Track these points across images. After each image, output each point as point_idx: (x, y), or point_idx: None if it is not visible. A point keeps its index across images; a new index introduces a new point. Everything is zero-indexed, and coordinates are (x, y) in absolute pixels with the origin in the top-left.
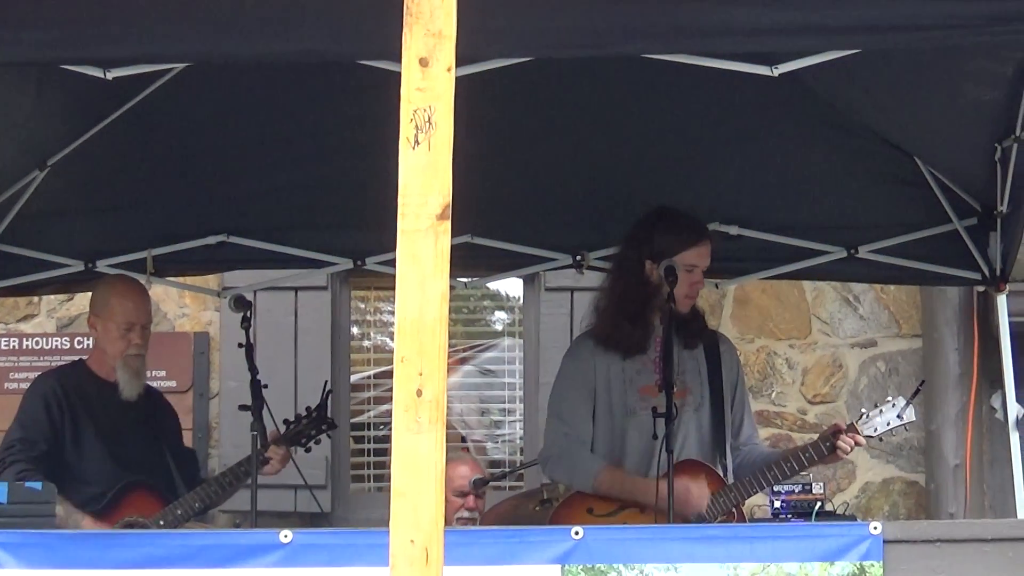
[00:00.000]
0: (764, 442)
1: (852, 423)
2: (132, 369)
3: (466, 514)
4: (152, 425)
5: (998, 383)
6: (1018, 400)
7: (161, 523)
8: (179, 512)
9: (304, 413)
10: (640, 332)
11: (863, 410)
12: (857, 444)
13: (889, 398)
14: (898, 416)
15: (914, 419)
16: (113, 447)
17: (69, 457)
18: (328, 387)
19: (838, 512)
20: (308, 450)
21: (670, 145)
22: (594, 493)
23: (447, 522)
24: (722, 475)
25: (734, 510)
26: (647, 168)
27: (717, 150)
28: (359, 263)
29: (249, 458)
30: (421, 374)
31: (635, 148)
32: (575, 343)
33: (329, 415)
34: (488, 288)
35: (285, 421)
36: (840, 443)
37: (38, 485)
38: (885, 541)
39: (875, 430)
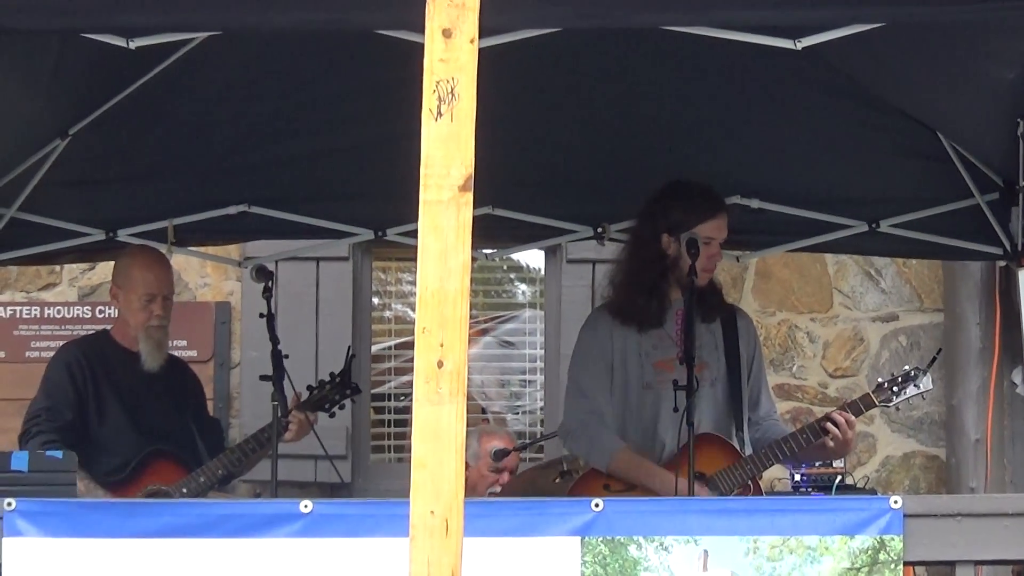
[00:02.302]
0: (785, 415)
1: (868, 393)
2: (154, 340)
3: (498, 489)
4: (176, 394)
5: (1019, 358)
6: None
7: (184, 491)
8: (202, 480)
9: (328, 379)
10: (656, 306)
11: (879, 380)
12: (849, 425)
13: (906, 367)
14: (915, 385)
15: (931, 388)
16: (136, 416)
17: (93, 427)
18: (352, 352)
19: (858, 486)
20: (332, 415)
21: (692, 118)
22: (607, 472)
23: (479, 495)
24: (738, 448)
25: (750, 483)
26: (669, 140)
27: (739, 123)
28: (380, 234)
29: (271, 424)
30: (442, 345)
31: (657, 120)
32: (592, 316)
33: (353, 380)
34: (510, 259)
35: (309, 387)
36: (828, 425)
37: (59, 454)
38: (905, 515)
39: (892, 400)
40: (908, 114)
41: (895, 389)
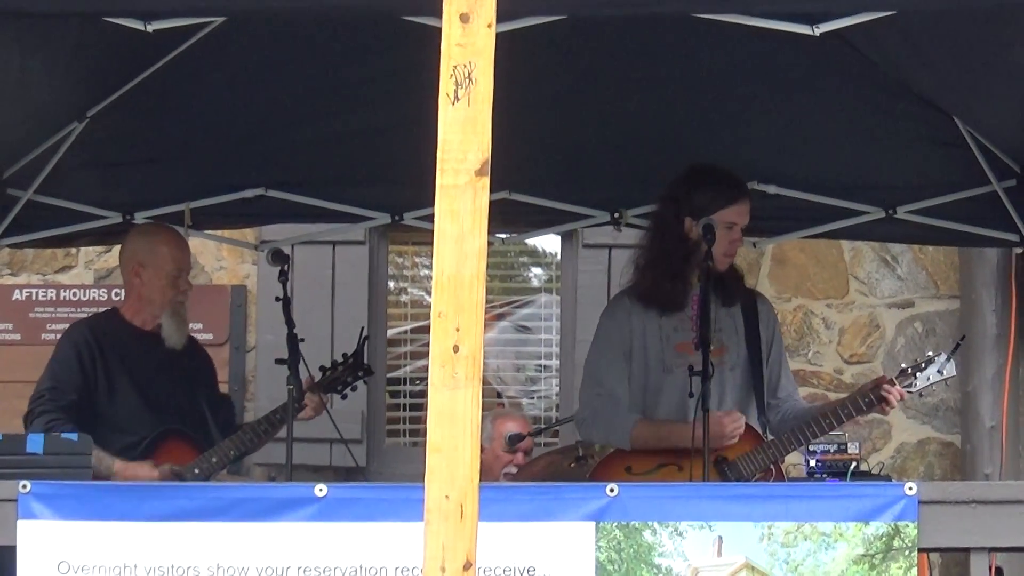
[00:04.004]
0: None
1: (891, 379)
2: (179, 317)
3: (513, 470)
4: (188, 373)
5: None
6: None
7: (196, 471)
8: (214, 460)
9: (340, 359)
10: (678, 289)
11: (903, 365)
12: (900, 398)
13: (930, 353)
14: (938, 371)
15: (954, 374)
16: (148, 395)
17: (102, 406)
18: (365, 334)
19: (873, 472)
20: (344, 397)
21: (709, 103)
22: (632, 448)
23: (494, 476)
24: (760, 432)
25: (772, 467)
26: (686, 126)
27: (756, 108)
28: (397, 218)
29: (284, 405)
30: (458, 330)
31: (674, 105)
32: (612, 301)
33: (365, 361)
34: (526, 244)
35: (321, 368)
36: (884, 394)
37: (74, 436)
38: (920, 502)
39: (915, 386)
40: (926, 100)
41: (918, 375)
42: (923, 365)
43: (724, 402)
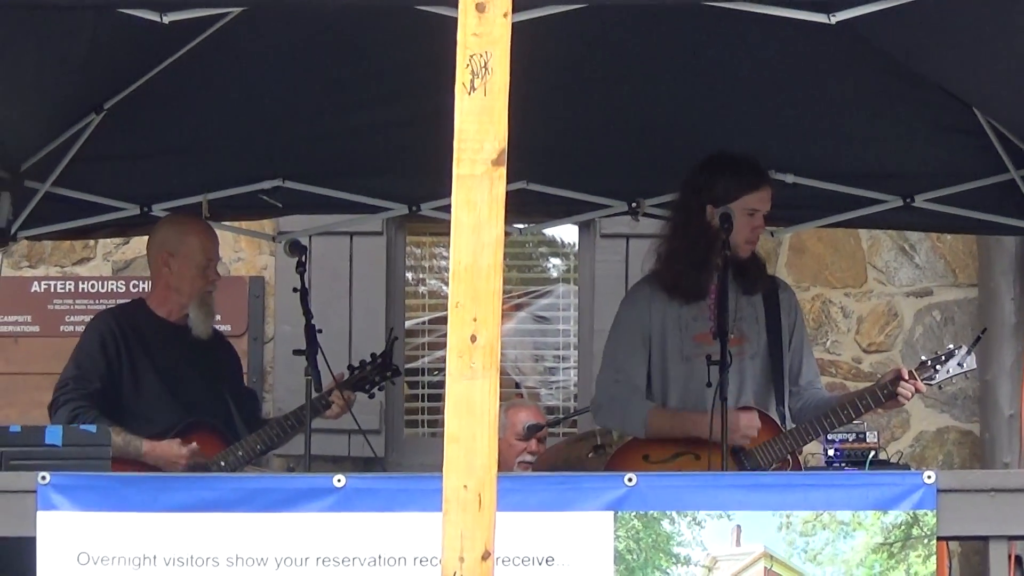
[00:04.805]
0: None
1: (911, 370)
2: (207, 307)
3: (528, 458)
4: (212, 365)
5: None
6: None
7: (222, 464)
8: (240, 454)
9: (368, 359)
10: (703, 278)
11: (923, 357)
12: (917, 391)
13: (950, 346)
14: (959, 364)
15: (975, 367)
16: (173, 386)
17: (127, 396)
18: (393, 334)
19: (892, 461)
20: (371, 396)
21: (727, 92)
22: (647, 436)
23: (509, 465)
24: (779, 422)
25: (789, 457)
26: (703, 115)
27: (774, 97)
28: (414, 209)
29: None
30: (475, 320)
31: (691, 95)
32: (632, 289)
33: (394, 362)
34: (543, 234)
35: (349, 367)
36: (901, 389)
37: (93, 428)
38: (939, 490)
39: (935, 378)
40: (943, 88)
41: (938, 367)
42: (943, 358)
43: (743, 392)
